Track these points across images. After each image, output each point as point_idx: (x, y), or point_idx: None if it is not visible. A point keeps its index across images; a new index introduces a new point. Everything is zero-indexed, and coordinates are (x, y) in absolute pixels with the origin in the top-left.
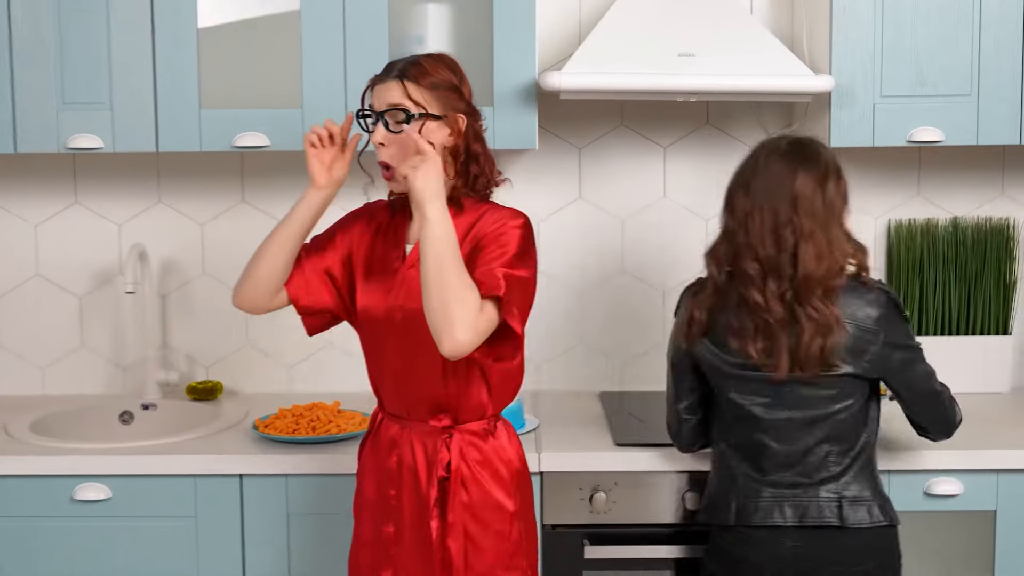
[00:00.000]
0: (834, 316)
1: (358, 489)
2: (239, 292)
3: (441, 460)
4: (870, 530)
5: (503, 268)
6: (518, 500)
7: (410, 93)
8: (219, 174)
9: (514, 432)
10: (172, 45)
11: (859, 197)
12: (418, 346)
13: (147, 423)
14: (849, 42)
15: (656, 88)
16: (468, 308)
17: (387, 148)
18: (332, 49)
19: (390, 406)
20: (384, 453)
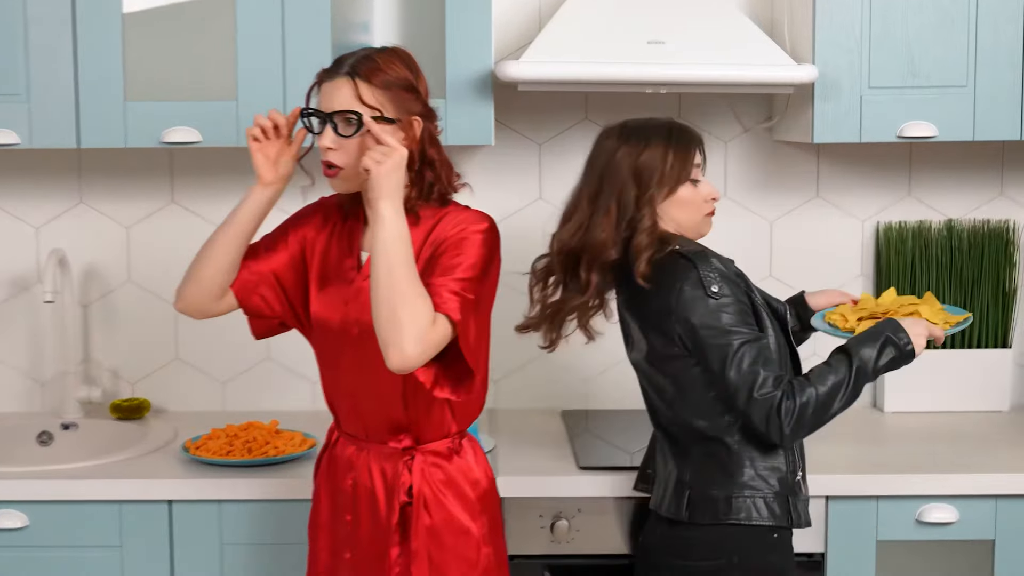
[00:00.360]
0: None
1: (313, 511)
2: (182, 294)
3: (402, 484)
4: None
5: (459, 285)
6: (485, 523)
7: (361, 94)
8: (146, 172)
9: (481, 449)
10: (95, 32)
11: (845, 198)
12: (376, 363)
13: (67, 444)
14: (834, 29)
15: (623, 79)
16: (419, 318)
17: (335, 152)
18: (270, 36)
19: (346, 425)
20: (340, 475)
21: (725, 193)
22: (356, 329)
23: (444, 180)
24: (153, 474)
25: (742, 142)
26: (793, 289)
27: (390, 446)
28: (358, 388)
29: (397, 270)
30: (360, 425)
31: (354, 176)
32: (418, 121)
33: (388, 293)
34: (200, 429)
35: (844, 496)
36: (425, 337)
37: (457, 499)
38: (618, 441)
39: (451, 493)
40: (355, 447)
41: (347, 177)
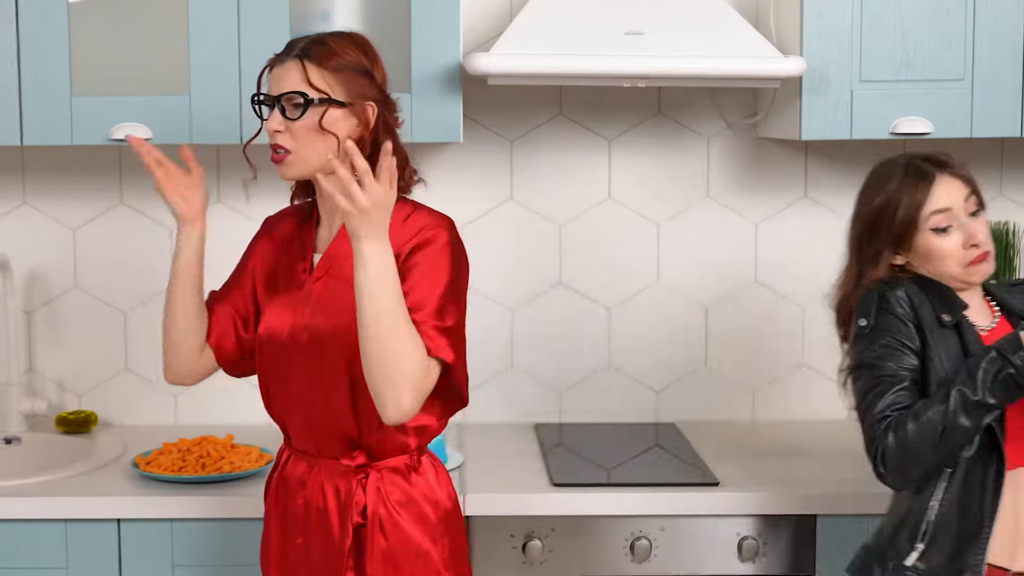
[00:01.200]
0: None
1: (264, 535)
2: (165, 366)
3: (356, 504)
4: None
5: (442, 319)
6: (446, 546)
7: (310, 77)
8: (94, 171)
9: (442, 467)
10: (39, 22)
11: (835, 197)
12: (326, 372)
13: (10, 459)
14: (823, 19)
15: (599, 72)
16: (413, 369)
17: (282, 135)
18: (224, 27)
19: (297, 441)
20: (290, 495)
21: (708, 193)
22: (306, 335)
23: (399, 172)
24: (101, 491)
25: (725, 139)
26: (778, 295)
27: (343, 463)
28: (308, 401)
29: (385, 316)
30: (311, 440)
31: (302, 161)
32: (372, 107)
33: (378, 344)
34: (151, 444)
35: (833, 514)
36: (420, 386)
37: (416, 520)
38: (594, 456)
39: (409, 514)
40: (306, 464)
41: (294, 162)
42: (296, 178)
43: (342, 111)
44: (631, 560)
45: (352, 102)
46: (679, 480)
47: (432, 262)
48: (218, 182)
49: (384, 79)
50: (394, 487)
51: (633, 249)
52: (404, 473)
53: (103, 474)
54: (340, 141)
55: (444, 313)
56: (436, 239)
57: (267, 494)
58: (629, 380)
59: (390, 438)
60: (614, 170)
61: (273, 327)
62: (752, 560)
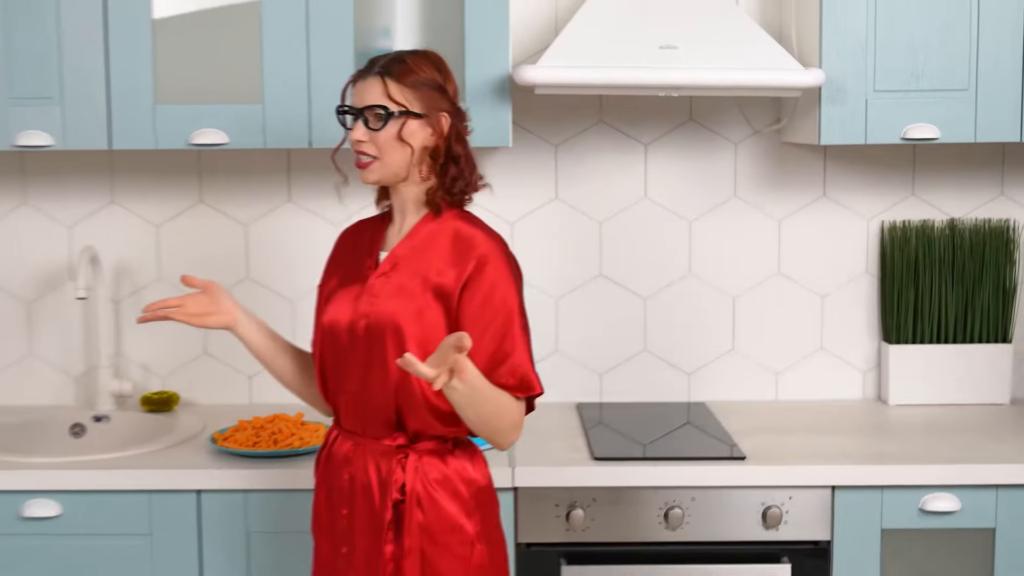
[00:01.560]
0: None
1: (314, 507)
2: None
3: (395, 482)
4: None
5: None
6: (478, 521)
7: (391, 91)
8: (175, 173)
9: (478, 449)
10: (126, 37)
11: (851, 197)
12: (376, 362)
13: (99, 436)
14: (840, 34)
15: (636, 82)
16: (512, 416)
17: (366, 144)
18: (294, 41)
19: (346, 422)
20: (336, 470)
21: (735, 193)
22: (363, 324)
23: (467, 177)
24: (182, 465)
25: (751, 144)
26: (799, 285)
27: (385, 443)
28: (359, 386)
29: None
30: (359, 422)
31: (383, 167)
32: (445, 117)
33: (479, 421)
34: (227, 421)
35: (849, 486)
36: (519, 422)
37: (451, 497)
38: (631, 433)
39: (444, 491)
40: (352, 443)
41: (376, 168)
42: (377, 182)
43: (419, 122)
44: (665, 527)
45: (428, 114)
46: (709, 454)
47: (506, 299)
48: (288, 183)
49: (456, 92)
50: (432, 467)
51: (667, 244)
52: (441, 454)
53: (184, 449)
54: (415, 150)
55: (526, 345)
56: (503, 273)
57: (317, 469)
58: (663, 363)
59: (430, 426)
60: (649, 172)
61: (335, 318)
62: (775, 527)
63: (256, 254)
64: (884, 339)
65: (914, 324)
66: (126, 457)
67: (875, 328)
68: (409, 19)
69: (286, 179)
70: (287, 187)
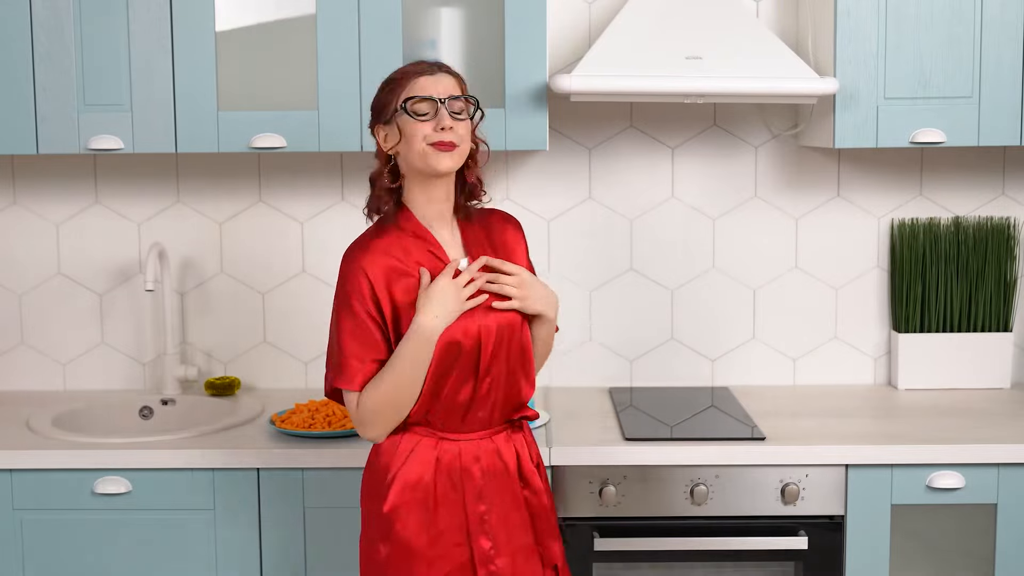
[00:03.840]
0: None
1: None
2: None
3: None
4: None
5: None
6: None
7: (464, 90)
8: (236, 174)
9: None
10: (191, 48)
11: (863, 197)
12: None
13: (166, 418)
14: (853, 45)
15: (664, 90)
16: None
17: (452, 131)
18: (347, 52)
19: (447, 425)
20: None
21: (755, 193)
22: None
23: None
24: (243, 445)
25: (771, 147)
26: (815, 278)
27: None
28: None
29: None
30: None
31: (460, 156)
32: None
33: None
34: (285, 404)
35: (862, 464)
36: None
37: (539, 474)
38: (660, 415)
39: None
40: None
41: (456, 155)
42: (453, 169)
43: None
44: (690, 503)
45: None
46: (731, 435)
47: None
48: (342, 184)
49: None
50: (523, 447)
51: (692, 240)
52: (525, 433)
53: (245, 430)
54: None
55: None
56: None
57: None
58: (689, 351)
59: (521, 409)
60: (676, 174)
61: (462, 332)
62: (793, 503)
63: (311, 250)
64: (893, 328)
65: (922, 314)
66: (191, 438)
67: (885, 318)
68: (453, 31)
69: (340, 181)
70: (340, 187)
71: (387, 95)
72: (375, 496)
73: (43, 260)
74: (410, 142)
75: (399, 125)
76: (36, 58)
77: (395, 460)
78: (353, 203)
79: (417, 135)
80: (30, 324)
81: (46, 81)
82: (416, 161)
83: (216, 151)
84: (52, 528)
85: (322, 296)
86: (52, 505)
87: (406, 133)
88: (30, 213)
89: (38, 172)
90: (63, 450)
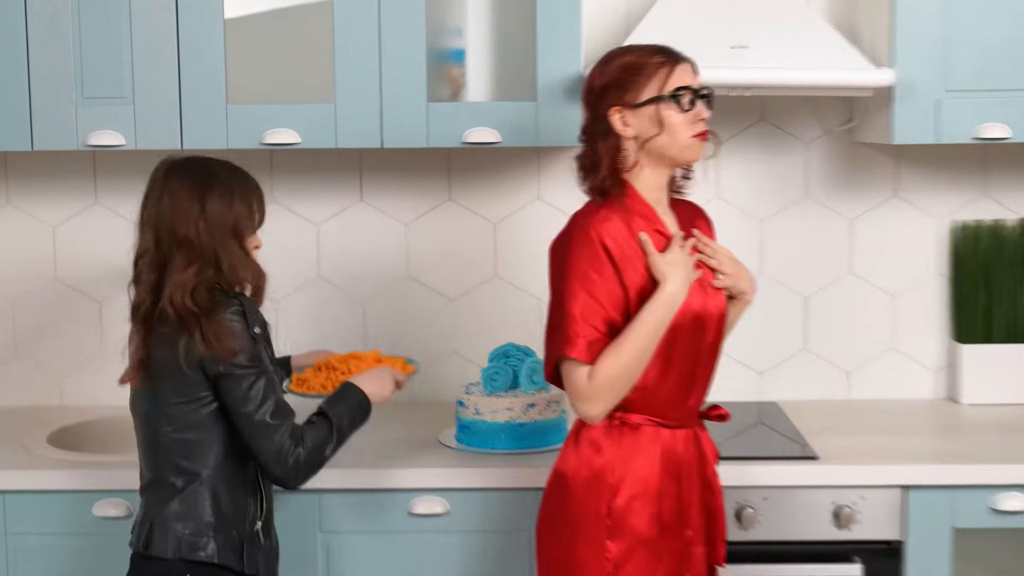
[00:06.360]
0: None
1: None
2: (607, 407)
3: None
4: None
5: None
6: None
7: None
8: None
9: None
10: (197, 36)
11: (922, 197)
12: (719, 340)
13: None
14: (912, 33)
15: (709, 82)
16: None
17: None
18: (366, 40)
19: (666, 413)
20: (675, 469)
21: (807, 193)
22: (714, 311)
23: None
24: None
25: (823, 143)
26: (871, 285)
27: (694, 424)
28: (703, 369)
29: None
30: (694, 405)
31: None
32: None
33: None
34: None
35: (921, 485)
36: None
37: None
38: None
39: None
40: (675, 430)
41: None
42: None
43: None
44: (737, 527)
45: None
46: (781, 454)
47: None
48: (360, 184)
49: None
50: (710, 444)
51: (739, 244)
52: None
53: None
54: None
55: None
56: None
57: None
58: (735, 363)
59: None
60: (721, 172)
61: (695, 308)
62: (847, 528)
63: (327, 254)
64: (955, 339)
65: (984, 325)
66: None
67: (946, 328)
68: (481, 18)
69: (358, 179)
70: (359, 187)
71: (635, 78)
72: (592, 496)
73: (38, 265)
74: (675, 132)
75: (661, 114)
76: (31, 47)
77: (619, 453)
78: (372, 203)
79: (683, 126)
80: (24, 334)
81: (41, 72)
82: (675, 150)
83: (225, 147)
84: (47, 553)
85: (337, 302)
86: (47, 529)
87: (670, 123)
88: (24, 214)
89: (33, 170)
90: (60, 470)
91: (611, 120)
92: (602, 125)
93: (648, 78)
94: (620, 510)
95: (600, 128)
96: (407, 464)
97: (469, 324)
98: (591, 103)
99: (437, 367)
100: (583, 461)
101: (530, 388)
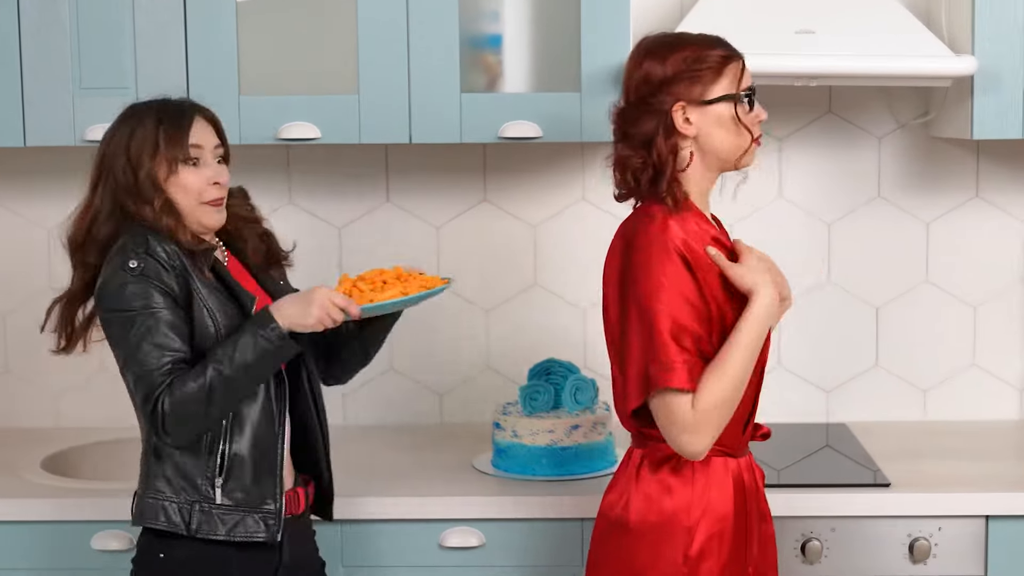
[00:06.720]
0: None
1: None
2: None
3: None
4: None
5: None
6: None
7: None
8: (262, 170)
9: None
10: (207, 21)
11: (1006, 198)
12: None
13: None
14: (995, 18)
15: (771, 71)
16: None
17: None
18: (393, 25)
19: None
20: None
21: (879, 192)
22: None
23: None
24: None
25: (897, 138)
26: (949, 295)
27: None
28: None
29: None
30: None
31: None
32: None
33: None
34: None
35: (1005, 515)
36: None
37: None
38: (764, 457)
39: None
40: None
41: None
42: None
43: None
44: (802, 561)
45: None
46: (850, 481)
47: None
48: (387, 183)
49: None
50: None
51: (803, 249)
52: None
53: None
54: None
55: None
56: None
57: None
58: (799, 380)
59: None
60: (784, 169)
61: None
62: (923, 562)
63: (350, 258)
64: None
65: None
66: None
67: None
68: (520, 3)
69: (384, 178)
70: (385, 186)
71: (703, 72)
72: (665, 543)
73: (31, 273)
74: (743, 134)
75: (737, 113)
76: (23, 32)
77: (693, 493)
78: (400, 204)
79: (752, 127)
80: (16, 349)
81: (35, 62)
82: (736, 153)
83: (238, 143)
84: None
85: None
86: (41, 564)
87: (740, 124)
88: (16, 216)
89: (26, 168)
90: (55, 498)
91: (674, 116)
92: (664, 122)
93: (717, 73)
94: (697, 555)
95: (660, 125)
96: (438, 492)
97: (506, 337)
98: (644, 96)
99: (471, 385)
100: (651, 504)
101: (574, 408)
